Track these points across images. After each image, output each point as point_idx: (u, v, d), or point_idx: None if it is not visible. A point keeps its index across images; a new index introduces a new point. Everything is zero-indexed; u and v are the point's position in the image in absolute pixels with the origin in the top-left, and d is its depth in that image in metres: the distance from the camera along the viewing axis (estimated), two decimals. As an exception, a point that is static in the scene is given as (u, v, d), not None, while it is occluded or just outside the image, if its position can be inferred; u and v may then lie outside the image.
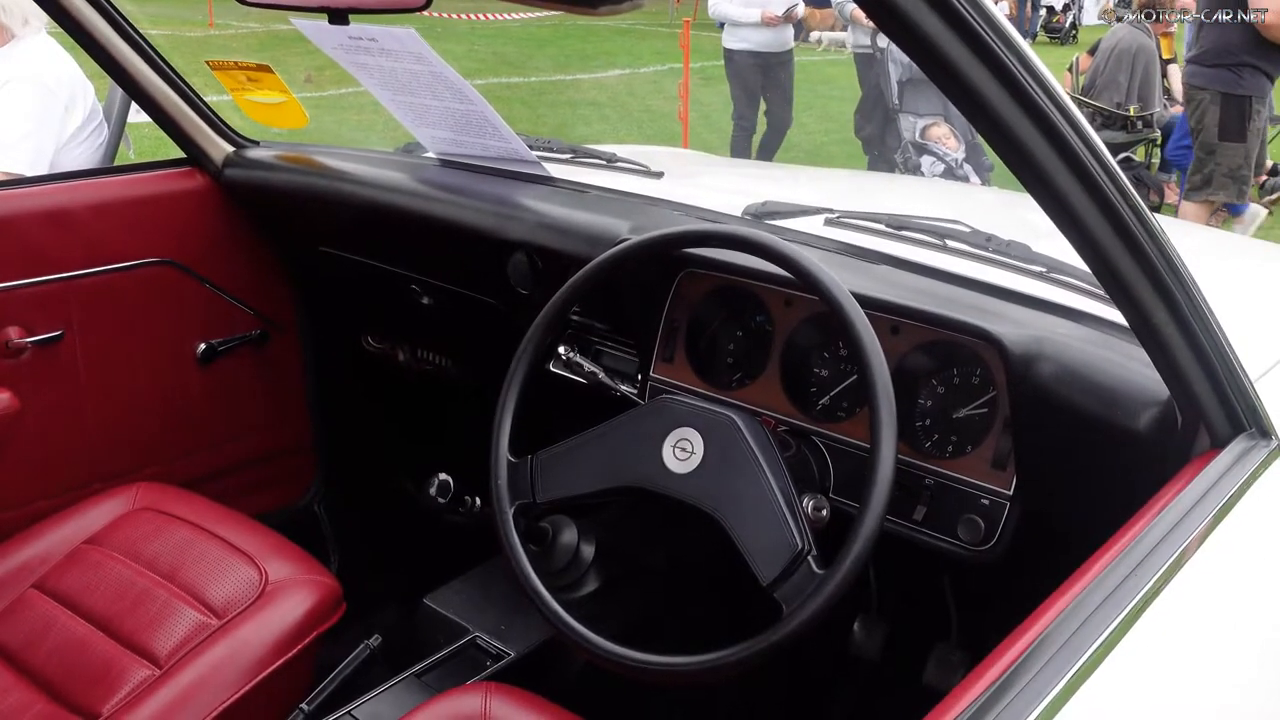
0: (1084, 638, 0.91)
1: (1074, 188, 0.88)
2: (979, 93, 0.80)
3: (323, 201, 2.09)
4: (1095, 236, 0.92)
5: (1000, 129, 0.83)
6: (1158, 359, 1.09)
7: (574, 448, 1.37)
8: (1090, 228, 0.91)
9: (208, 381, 2.26)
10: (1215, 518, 1.09)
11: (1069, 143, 0.85)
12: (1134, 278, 0.97)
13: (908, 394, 1.50)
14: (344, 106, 9.16)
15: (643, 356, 1.73)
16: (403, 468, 2.56)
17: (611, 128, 9.42)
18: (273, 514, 2.37)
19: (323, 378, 2.47)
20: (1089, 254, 0.95)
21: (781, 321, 1.61)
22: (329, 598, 1.67)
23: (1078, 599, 0.95)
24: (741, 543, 1.23)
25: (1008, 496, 1.39)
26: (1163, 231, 0.98)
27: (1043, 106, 0.83)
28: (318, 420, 2.48)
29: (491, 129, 1.98)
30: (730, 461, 1.27)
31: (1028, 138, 0.84)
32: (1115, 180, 0.90)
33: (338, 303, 2.41)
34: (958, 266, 1.58)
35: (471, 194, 1.92)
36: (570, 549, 1.58)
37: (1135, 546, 1.03)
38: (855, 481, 1.24)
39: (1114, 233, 0.93)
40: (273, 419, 2.41)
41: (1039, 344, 1.32)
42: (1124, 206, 0.92)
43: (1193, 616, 1.03)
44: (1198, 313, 1.05)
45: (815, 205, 1.83)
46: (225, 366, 2.28)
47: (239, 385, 2.32)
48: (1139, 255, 0.96)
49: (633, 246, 1.43)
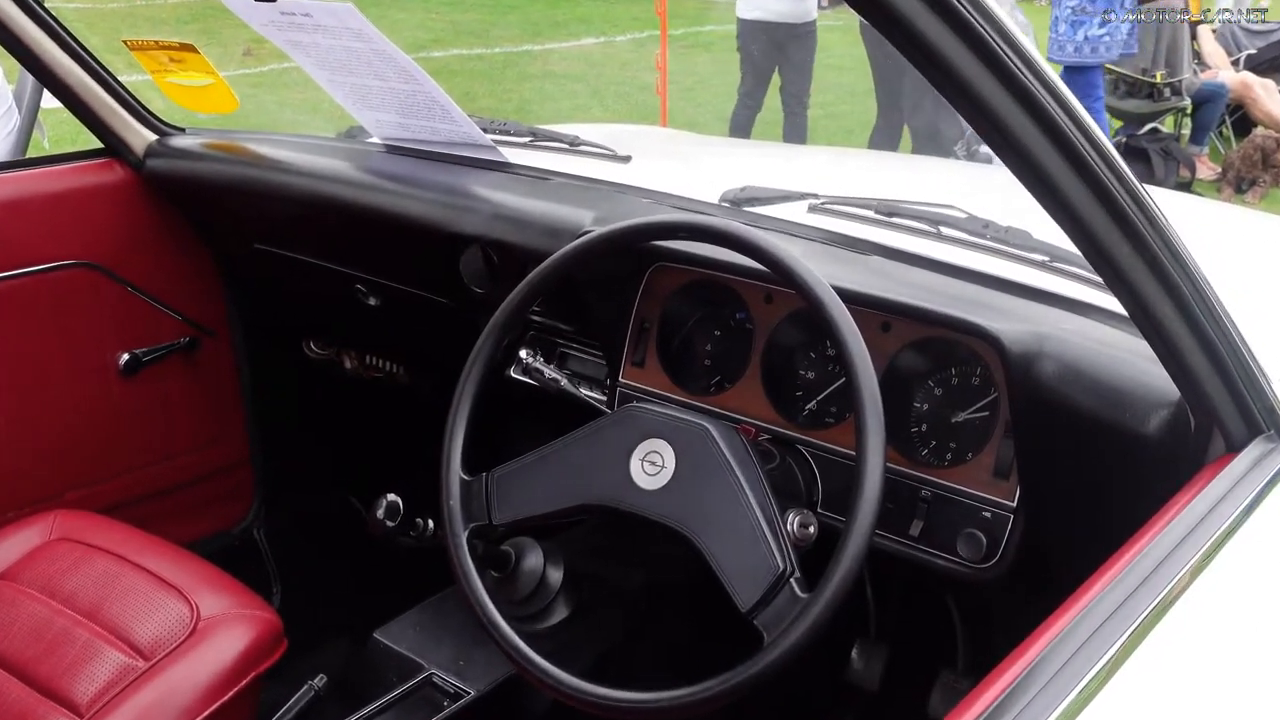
0: (1086, 658, 0.93)
1: (1057, 162, 0.89)
2: (921, 34, 0.79)
3: (256, 194, 2.09)
4: (1084, 218, 0.94)
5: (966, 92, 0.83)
6: (1165, 356, 1.11)
7: (534, 463, 1.38)
8: (1077, 207, 0.92)
9: (131, 395, 2.26)
10: (1231, 527, 1.11)
11: (1045, 110, 0.86)
12: (1132, 266, 0.99)
13: (901, 397, 1.52)
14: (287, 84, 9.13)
15: (610, 360, 1.74)
16: (351, 487, 2.56)
17: (582, 104, 9.42)
18: (206, 542, 2.37)
19: (260, 389, 2.47)
20: (1079, 239, 0.96)
21: (762, 319, 1.63)
22: (269, 634, 1.68)
23: (1080, 616, 0.97)
24: (717, 565, 1.24)
25: (1011, 508, 1.41)
26: (1162, 214, 0.99)
27: (1011, 65, 0.83)
28: (255, 436, 2.48)
29: (441, 111, 1.99)
30: (703, 475, 1.29)
31: (999, 105, 0.85)
32: (1103, 153, 0.91)
33: (275, 305, 2.42)
34: (953, 256, 1.60)
35: (420, 183, 1.93)
36: (535, 575, 1.59)
37: (1144, 559, 1.05)
38: (844, 494, 1.25)
39: (1105, 214, 0.94)
40: (205, 436, 2.41)
41: (1040, 341, 1.34)
42: (1115, 185, 0.93)
43: (1206, 634, 1.04)
44: (1205, 305, 1.07)
45: (799, 190, 1.85)
46: (151, 378, 2.28)
47: (167, 399, 2.32)
48: (1136, 241, 0.97)
49: (596, 239, 1.45)
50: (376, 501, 1.45)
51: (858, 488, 1.18)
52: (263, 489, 2.52)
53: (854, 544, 1.16)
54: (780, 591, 1.20)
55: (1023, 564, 1.40)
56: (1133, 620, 0.97)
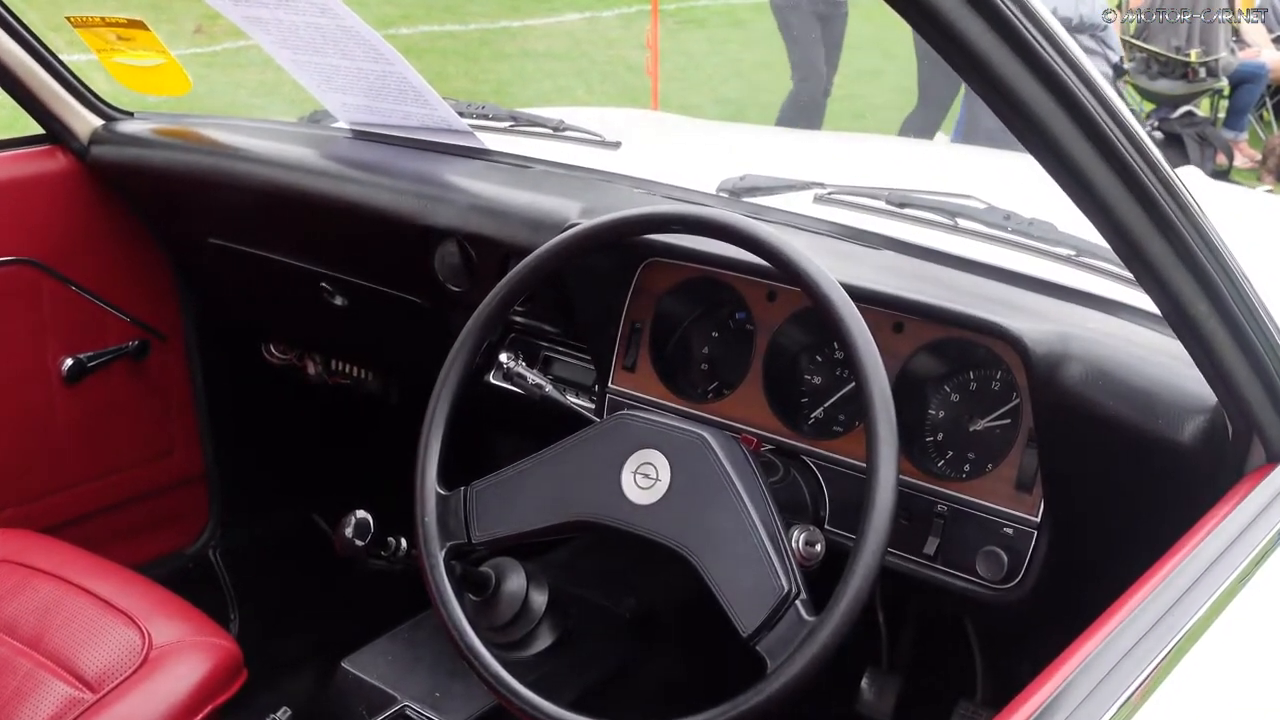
0: (1115, 686, 0.93)
1: (1083, 148, 0.89)
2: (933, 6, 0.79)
3: (212, 184, 2.09)
4: (1113, 208, 0.94)
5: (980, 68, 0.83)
6: (1201, 359, 1.12)
7: (516, 476, 1.39)
8: (1106, 197, 0.93)
9: (75, 404, 2.26)
10: (1272, 542, 1.12)
11: (1070, 90, 0.87)
12: (1165, 261, 1.00)
13: (915, 404, 1.53)
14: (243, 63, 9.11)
15: (599, 365, 1.75)
16: (316, 504, 2.56)
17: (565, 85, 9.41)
18: (158, 563, 2.37)
19: (216, 396, 2.47)
20: (1108, 231, 0.97)
21: (764, 319, 1.63)
22: (227, 663, 1.68)
23: (1108, 641, 0.97)
24: (717, 586, 1.24)
25: (1034, 524, 1.42)
26: (1197, 203, 1.00)
27: (1028, 37, 0.84)
28: (211, 448, 2.48)
29: (413, 93, 2.00)
30: (701, 488, 1.29)
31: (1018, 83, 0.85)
32: (1133, 138, 0.92)
33: (232, 306, 2.42)
34: (971, 250, 1.61)
35: (391, 172, 1.93)
36: (517, 598, 1.60)
37: (1177, 577, 1.05)
38: (854, 510, 1.26)
39: (1136, 204, 0.95)
40: (156, 448, 2.41)
41: (1065, 341, 1.35)
42: (1147, 172, 0.94)
43: (1244, 657, 1.05)
44: (1244, 303, 1.08)
45: (803, 179, 1.85)
46: (97, 385, 2.28)
47: (114, 408, 2.32)
48: (1169, 233, 0.98)
49: (584, 233, 1.45)
50: (344, 519, 1.45)
51: (868, 502, 1.19)
52: (219, 506, 2.51)
53: (864, 563, 1.17)
54: (784, 615, 1.20)
55: (1047, 584, 1.41)
56: (1166, 644, 0.98)
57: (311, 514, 2.55)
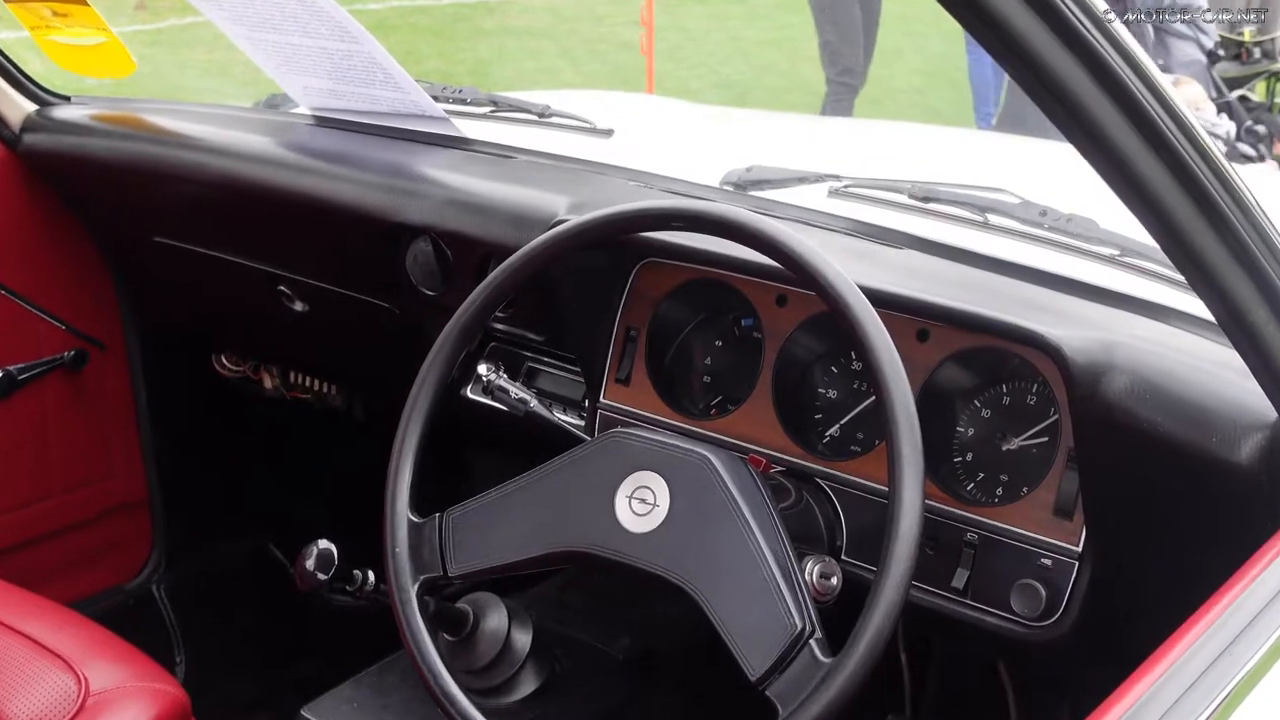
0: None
1: (1128, 135, 0.90)
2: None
3: (157, 176, 2.09)
4: (1161, 202, 0.94)
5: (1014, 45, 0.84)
6: (1260, 370, 1.12)
7: (497, 502, 1.39)
8: (1153, 190, 0.93)
9: (3, 421, 2.25)
10: (1340, 575, 1.13)
11: (1113, 72, 0.87)
12: (1219, 261, 1.00)
13: (942, 420, 1.53)
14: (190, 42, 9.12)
15: (589, 377, 1.75)
16: (272, 532, 2.56)
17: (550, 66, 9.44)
18: (95, 600, 2.37)
19: (161, 413, 2.47)
20: (1156, 228, 0.97)
21: (773, 326, 1.63)
22: (172, 711, 1.67)
23: (1158, 684, 0.97)
24: (722, 623, 1.24)
25: (1075, 553, 1.42)
26: (1255, 198, 1.00)
27: (1070, 18, 0.84)
28: (155, 471, 2.48)
29: (382, 75, 2.00)
30: (705, 515, 1.29)
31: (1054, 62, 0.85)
32: (1183, 125, 0.92)
33: (180, 311, 2.41)
34: (1004, 249, 1.61)
35: (357, 162, 1.93)
36: (498, 638, 1.59)
37: (1235, 613, 1.05)
38: (874, 538, 1.26)
39: (1187, 198, 0.95)
40: (93, 471, 2.40)
41: (1109, 351, 1.35)
42: (1199, 163, 0.94)
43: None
44: (1309, 307, 1.08)
45: (816, 170, 1.86)
46: (27, 400, 2.28)
47: (46, 426, 2.32)
48: (1224, 231, 0.98)
49: (572, 230, 1.45)
50: (305, 550, 1.45)
51: (891, 530, 1.19)
52: (164, 535, 2.51)
53: (886, 598, 1.17)
54: (797, 656, 1.20)
55: (1089, 621, 1.41)
56: (1224, 688, 0.98)
57: (267, 544, 2.55)
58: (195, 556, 2.53)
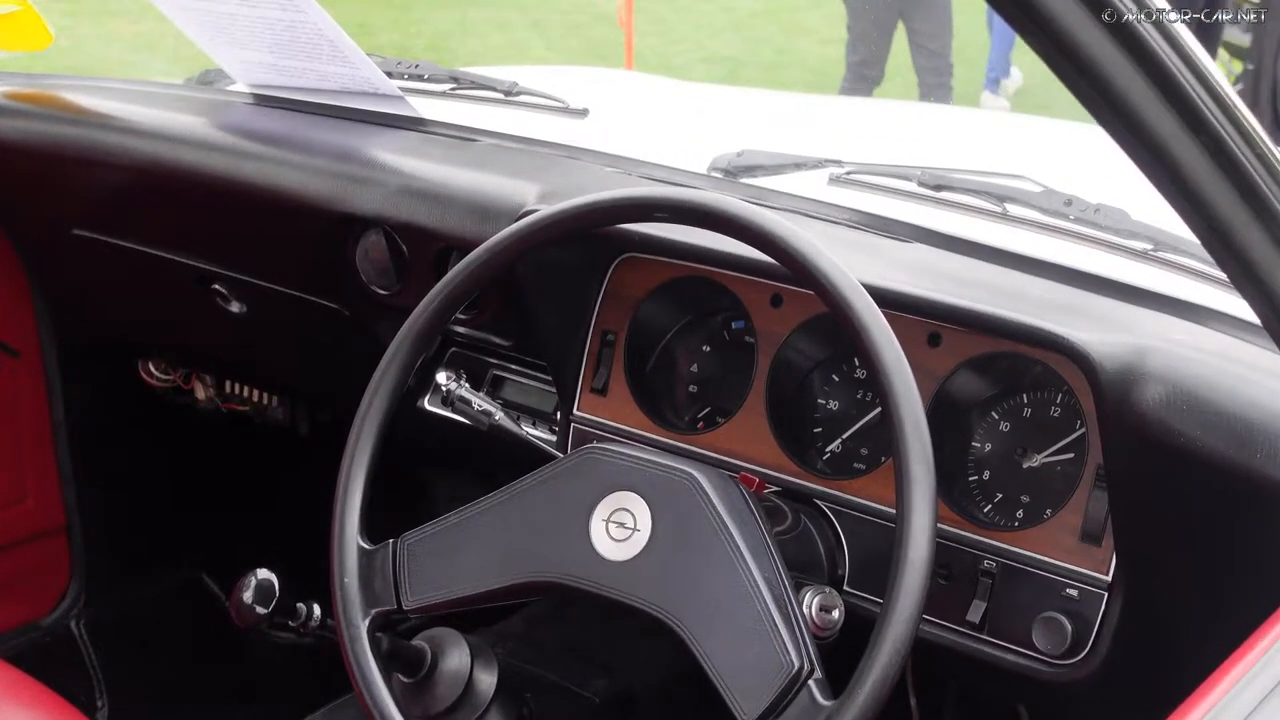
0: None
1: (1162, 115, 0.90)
2: None
3: (76, 160, 2.09)
4: (1200, 191, 0.94)
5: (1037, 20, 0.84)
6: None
7: (459, 526, 1.38)
8: (1191, 177, 0.93)
9: (-97, 437, 2.25)
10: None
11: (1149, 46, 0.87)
12: (1265, 257, 1.00)
13: (956, 435, 1.53)
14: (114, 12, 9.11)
15: (562, 386, 1.75)
16: (206, 561, 2.55)
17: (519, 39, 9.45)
18: (7, 638, 2.35)
19: (81, 428, 2.46)
20: (1195, 219, 0.97)
21: (767, 330, 1.64)
22: (93, 762, 1.67)
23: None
24: (709, 662, 1.24)
25: (1104, 583, 1.42)
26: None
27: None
28: (74, 493, 2.47)
29: (330, 49, 2.00)
30: (690, 541, 1.29)
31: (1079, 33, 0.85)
32: (1224, 104, 0.92)
33: (102, 314, 2.41)
34: (1024, 243, 1.61)
35: (301, 146, 1.93)
36: (459, 678, 1.59)
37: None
38: (880, 567, 1.26)
39: (1229, 185, 0.95)
40: (4, 493, 2.39)
41: (1142, 357, 1.35)
42: (1242, 146, 0.94)
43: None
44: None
45: (815, 155, 1.86)
46: (-70, 414, 2.27)
47: (-49, 442, 2.31)
48: (1271, 223, 0.99)
49: (542, 221, 1.45)
50: (242, 581, 1.44)
51: (898, 557, 1.19)
52: (84, 566, 2.50)
53: (893, 634, 1.17)
54: (795, 698, 1.20)
55: (1120, 659, 1.41)
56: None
57: (201, 575, 2.54)
58: (119, 589, 2.52)
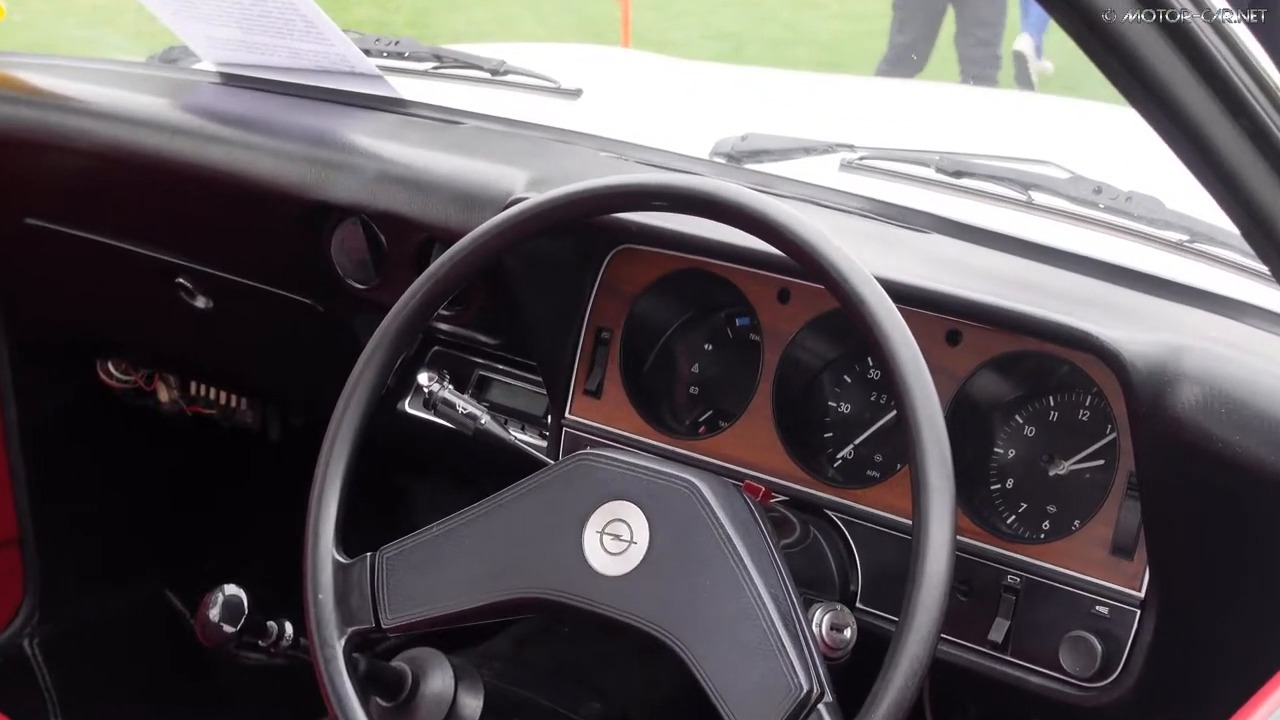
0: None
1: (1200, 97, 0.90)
2: None
3: (30, 145, 2.09)
4: (1240, 178, 0.94)
5: None
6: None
7: (442, 538, 1.38)
8: (1230, 163, 0.93)
9: None
10: None
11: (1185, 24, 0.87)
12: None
13: (977, 440, 1.53)
14: (69, -16, 9.12)
15: (553, 388, 1.75)
16: (169, 575, 2.55)
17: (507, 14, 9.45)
18: (-44, 658, 2.36)
19: (35, 433, 2.45)
20: (1234, 208, 0.97)
21: (774, 327, 1.63)
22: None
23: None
24: (711, 684, 1.24)
25: (1136, 600, 1.42)
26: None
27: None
28: (26, 503, 2.47)
29: (304, 24, 1.99)
30: (691, 555, 1.29)
31: None
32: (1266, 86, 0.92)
33: (57, 310, 2.40)
34: (1050, 233, 1.61)
35: (272, 129, 1.93)
36: (442, 702, 1.59)
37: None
38: (895, 582, 1.26)
39: (1271, 173, 0.95)
40: (-47, 502, 2.40)
41: (1176, 356, 1.35)
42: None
43: None
44: None
45: (826, 139, 1.86)
46: (-128, 417, 2.27)
47: (-105, 448, 2.31)
48: (1317, 215, 0.99)
49: (532, 210, 1.45)
50: (208, 597, 1.44)
51: (915, 573, 1.19)
52: (38, 580, 2.49)
53: (910, 654, 1.17)
54: (804, 724, 1.20)
55: (1153, 682, 1.41)
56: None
57: (164, 590, 2.54)
58: (76, 605, 2.52)
